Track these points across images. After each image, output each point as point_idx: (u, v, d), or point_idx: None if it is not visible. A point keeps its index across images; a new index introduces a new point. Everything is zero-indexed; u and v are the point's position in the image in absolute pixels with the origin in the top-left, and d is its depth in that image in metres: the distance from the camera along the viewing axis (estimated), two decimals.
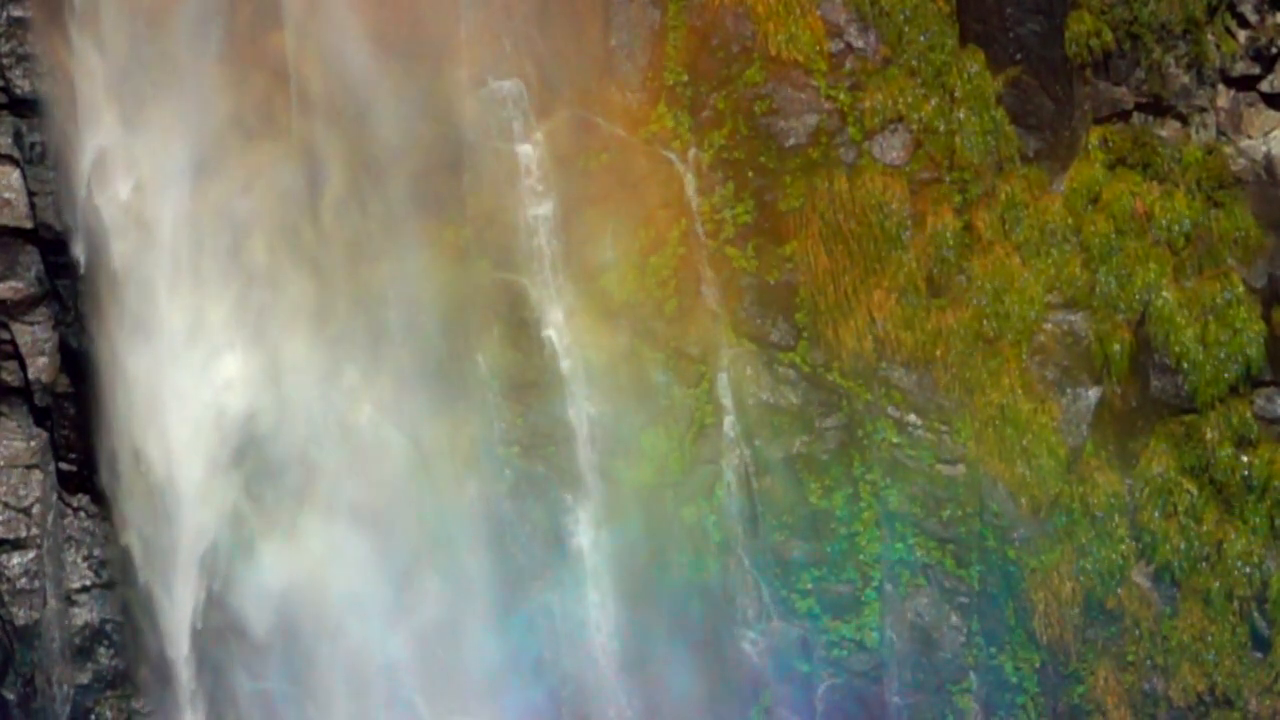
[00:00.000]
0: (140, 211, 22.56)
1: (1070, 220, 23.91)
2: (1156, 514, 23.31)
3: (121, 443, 22.72)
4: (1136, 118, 24.32)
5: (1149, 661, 23.34)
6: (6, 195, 23.11)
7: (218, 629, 22.75)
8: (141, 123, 22.48)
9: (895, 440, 23.27)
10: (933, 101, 23.82)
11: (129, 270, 22.51)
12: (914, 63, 23.85)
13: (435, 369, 23.00)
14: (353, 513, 22.80)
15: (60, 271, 23.08)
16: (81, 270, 22.73)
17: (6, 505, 23.11)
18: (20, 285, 23.20)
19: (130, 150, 22.50)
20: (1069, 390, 23.65)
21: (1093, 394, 23.67)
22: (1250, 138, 24.29)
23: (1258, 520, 23.18)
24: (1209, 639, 23.22)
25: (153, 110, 22.46)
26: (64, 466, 23.39)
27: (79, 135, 22.57)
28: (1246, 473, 23.23)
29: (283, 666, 22.93)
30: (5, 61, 22.87)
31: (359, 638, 22.81)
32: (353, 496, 22.82)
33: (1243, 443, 23.33)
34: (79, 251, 22.73)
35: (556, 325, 23.41)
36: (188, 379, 22.60)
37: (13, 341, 23.22)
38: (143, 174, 22.52)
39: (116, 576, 23.28)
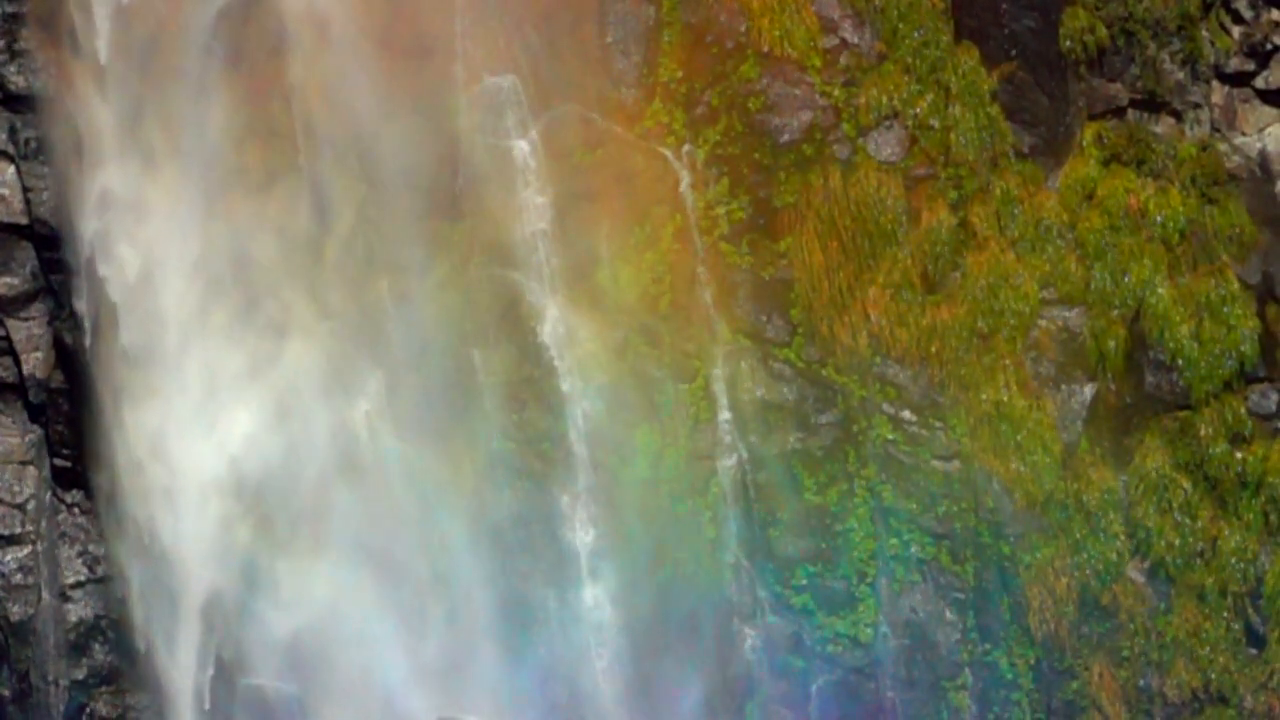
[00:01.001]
0: (149, 273, 22.55)
1: (1065, 216, 23.92)
2: (1151, 510, 23.31)
3: (127, 511, 22.69)
4: (1131, 114, 24.33)
5: (1144, 657, 23.33)
6: (1, 191, 23.14)
7: (224, 678, 22.71)
8: (148, 171, 22.57)
9: (890, 436, 23.27)
10: (928, 98, 23.83)
11: (138, 346, 22.53)
12: (909, 59, 23.86)
13: (439, 378, 23.01)
14: (361, 551, 22.75)
15: (55, 267, 23.09)
16: (87, 342, 22.71)
17: (1, 501, 23.12)
18: (15, 281, 23.22)
19: (138, 201, 22.54)
20: (1064, 386, 23.66)
21: (1088, 390, 23.68)
22: (1245, 134, 24.30)
23: (1252, 516, 23.19)
24: (1204, 635, 23.21)
25: (159, 158, 22.55)
26: (58, 463, 23.39)
27: (81, 176, 22.60)
28: (1241, 469, 23.23)
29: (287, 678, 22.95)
30: None
31: (366, 668, 22.74)
32: (361, 535, 22.77)
33: (1237, 439, 23.33)
34: (84, 313, 22.70)
35: (552, 321, 23.39)
36: (200, 441, 22.58)
37: (7, 337, 23.24)
38: (149, 234, 22.55)
39: (111, 573, 23.27)
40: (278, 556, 22.64)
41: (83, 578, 23.44)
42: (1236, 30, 24.26)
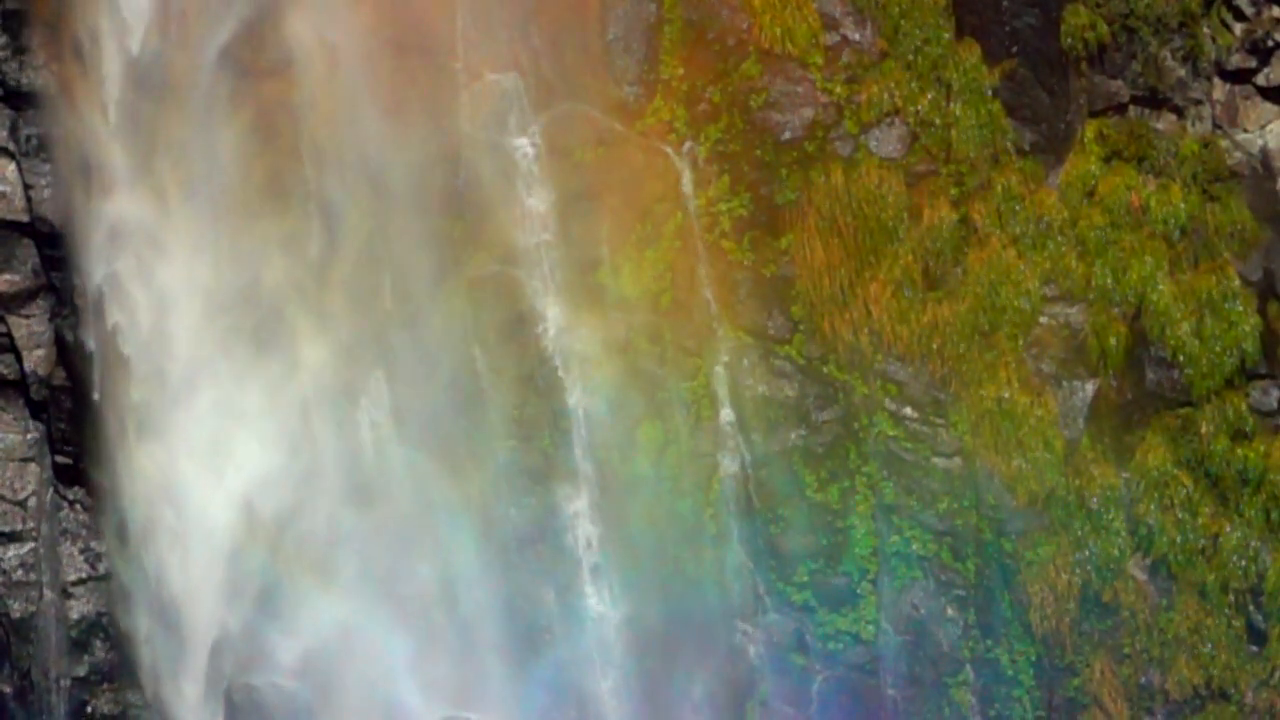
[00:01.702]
0: (162, 316, 22.55)
1: (1066, 213, 23.91)
2: (1153, 507, 23.31)
3: (135, 558, 22.69)
4: (1132, 111, 24.31)
5: (1145, 654, 23.33)
6: (2, 188, 23.15)
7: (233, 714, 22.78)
8: (159, 206, 22.58)
9: (891, 433, 23.28)
10: (929, 95, 23.84)
11: (150, 392, 22.53)
12: (910, 56, 23.87)
13: (444, 382, 23.02)
14: (371, 572, 22.75)
15: (56, 264, 23.11)
16: (96, 395, 22.70)
17: (2, 498, 23.14)
18: (16, 278, 23.24)
19: (151, 239, 22.54)
20: (1065, 383, 23.66)
21: (1089, 387, 23.68)
22: (1246, 131, 24.28)
23: (1253, 513, 23.18)
24: (1205, 632, 23.21)
25: (169, 191, 22.57)
26: (60, 459, 23.41)
27: (89, 206, 22.61)
28: (1242, 466, 23.21)
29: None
30: (0, 54, 22.92)
31: (374, 691, 22.75)
32: (371, 554, 22.76)
33: (1238, 436, 23.32)
34: (93, 351, 22.67)
35: (554, 319, 23.41)
36: (210, 470, 22.56)
37: (9, 334, 23.26)
38: (162, 274, 22.55)
39: (112, 570, 23.28)
40: (288, 583, 22.62)
41: (84, 574, 23.45)
42: (1238, 27, 24.24)
